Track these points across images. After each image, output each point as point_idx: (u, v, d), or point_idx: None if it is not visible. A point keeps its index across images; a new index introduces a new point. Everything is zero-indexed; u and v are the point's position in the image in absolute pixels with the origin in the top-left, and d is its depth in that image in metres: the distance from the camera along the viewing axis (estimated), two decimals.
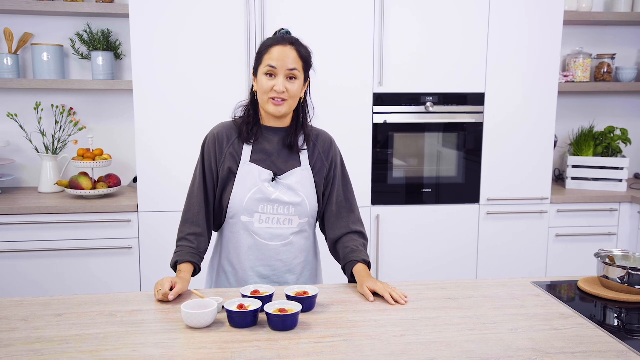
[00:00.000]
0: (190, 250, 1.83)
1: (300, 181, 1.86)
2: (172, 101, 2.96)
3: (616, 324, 1.66)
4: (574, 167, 3.57)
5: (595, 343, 1.41)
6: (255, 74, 1.85)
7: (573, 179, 3.57)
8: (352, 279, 1.86)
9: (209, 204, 1.89)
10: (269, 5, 2.95)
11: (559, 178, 3.84)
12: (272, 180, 1.83)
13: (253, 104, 1.88)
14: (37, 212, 2.94)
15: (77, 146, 3.37)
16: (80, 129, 3.38)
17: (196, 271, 1.84)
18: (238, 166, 1.84)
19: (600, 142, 3.63)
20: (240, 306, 1.51)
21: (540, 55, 3.20)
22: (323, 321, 1.54)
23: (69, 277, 2.98)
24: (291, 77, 1.78)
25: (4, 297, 1.73)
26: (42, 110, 3.35)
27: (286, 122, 1.88)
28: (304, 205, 1.86)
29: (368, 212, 3.15)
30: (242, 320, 1.49)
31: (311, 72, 1.88)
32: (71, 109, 3.40)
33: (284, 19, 2.96)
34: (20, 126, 3.32)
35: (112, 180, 3.19)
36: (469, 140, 3.22)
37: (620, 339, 1.43)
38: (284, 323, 1.47)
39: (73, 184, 3.10)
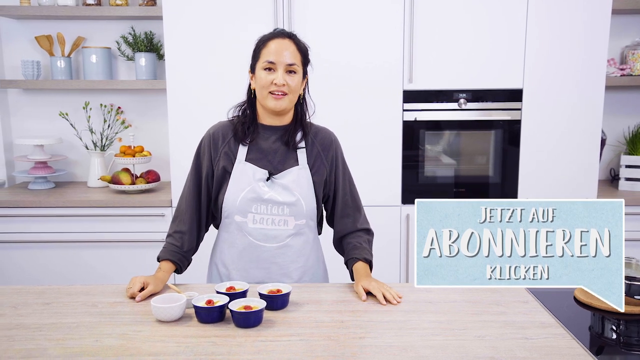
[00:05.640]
0: (172, 249, 1.85)
1: (297, 180, 1.82)
2: (202, 102, 3.03)
3: (614, 336, 1.55)
4: (627, 167, 3.33)
5: (563, 355, 1.32)
6: (252, 71, 1.84)
7: (627, 179, 3.34)
8: (353, 277, 1.83)
9: (200, 203, 1.88)
10: (297, 3, 2.95)
11: (614, 179, 3.59)
12: (267, 180, 1.80)
13: (250, 103, 1.87)
14: (82, 205, 3.11)
15: (121, 143, 3.54)
16: (126, 127, 3.54)
17: (178, 270, 1.85)
18: (233, 165, 1.83)
19: None
20: (209, 302, 1.54)
21: (586, 47, 3.00)
22: (290, 320, 1.53)
23: (106, 268, 3.13)
24: (290, 72, 1.77)
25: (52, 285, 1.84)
26: (90, 109, 3.54)
27: (285, 121, 1.85)
28: (299, 205, 1.81)
29: (398, 211, 3.09)
30: (207, 315, 1.51)
31: (317, 70, 1.86)
32: (119, 107, 3.57)
33: (312, 18, 2.95)
34: (71, 124, 3.53)
35: (150, 177, 3.32)
36: (506, 138, 3.09)
37: (592, 352, 1.33)
38: (246, 320, 1.48)
39: (114, 179, 3.26)
